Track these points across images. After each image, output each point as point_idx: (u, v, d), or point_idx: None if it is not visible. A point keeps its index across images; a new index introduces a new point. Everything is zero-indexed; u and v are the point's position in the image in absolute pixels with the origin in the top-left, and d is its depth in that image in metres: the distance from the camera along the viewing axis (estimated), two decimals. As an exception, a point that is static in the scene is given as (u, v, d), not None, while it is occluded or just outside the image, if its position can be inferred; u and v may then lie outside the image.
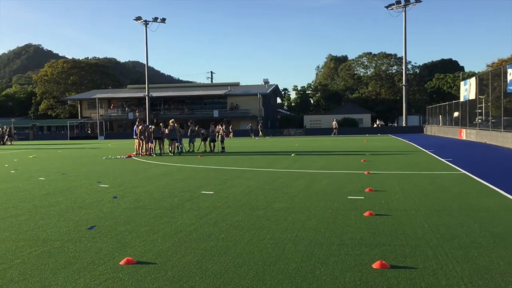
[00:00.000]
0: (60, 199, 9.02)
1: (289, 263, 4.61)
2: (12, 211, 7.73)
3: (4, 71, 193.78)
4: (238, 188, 10.23)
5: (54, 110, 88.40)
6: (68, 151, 28.97)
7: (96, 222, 6.75)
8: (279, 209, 7.53)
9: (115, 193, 9.66)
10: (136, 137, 22.17)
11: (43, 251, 5.23)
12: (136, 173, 13.93)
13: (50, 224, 6.68)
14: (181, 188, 10.31)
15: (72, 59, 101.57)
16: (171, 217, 7.07)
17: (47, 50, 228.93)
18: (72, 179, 12.44)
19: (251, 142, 39.09)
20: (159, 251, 5.13)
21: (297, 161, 17.22)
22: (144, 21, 56.03)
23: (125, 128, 68.93)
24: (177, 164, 16.76)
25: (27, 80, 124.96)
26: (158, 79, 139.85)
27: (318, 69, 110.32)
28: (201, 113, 67.05)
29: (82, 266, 4.64)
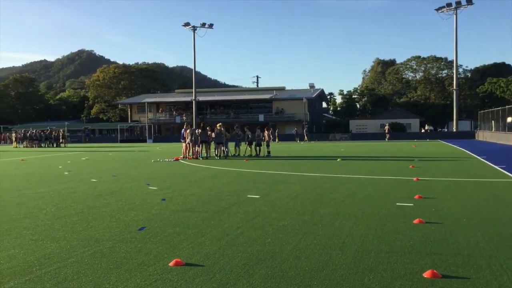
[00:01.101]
0: (111, 200, 9.30)
1: (337, 270, 4.57)
2: (66, 212, 8.03)
3: (58, 76, 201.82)
4: (284, 192, 10.22)
5: (105, 113, 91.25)
6: (118, 153, 29.83)
7: (146, 223, 6.91)
8: (325, 215, 7.47)
9: (163, 195, 9.86)
10: (184, 141, 22.57)
11: (95, 250, 5.41)
12: (184, 176, 14.17)
13: (102, 224, 6.89)
14: (227, 192, 10.41)
15: (122, 65, 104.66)
16: (218, 220, 7.15)
17: (99, 56, 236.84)
18: (122, 181, 12.80)
19: (297, 146, 38.98)
20: (207, 254, 5.20)
21: (343, 166, 17.04)
22: (192, 27, 57.01)
23: (173, 132, 70.24)
24: (223, 168, 16.93)
25: (80, 84, 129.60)
26: (205, 83, 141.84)
27: (365, 73, 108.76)
28: (247, 117, 67.41)
29: (133, 266, 4.76)
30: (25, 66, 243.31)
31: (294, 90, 78.21)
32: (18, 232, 6.41)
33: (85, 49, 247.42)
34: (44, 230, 6.49)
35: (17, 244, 5.73)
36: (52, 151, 34.63)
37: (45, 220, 7.23)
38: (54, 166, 18.91)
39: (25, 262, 4.93)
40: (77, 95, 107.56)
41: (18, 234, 6.25)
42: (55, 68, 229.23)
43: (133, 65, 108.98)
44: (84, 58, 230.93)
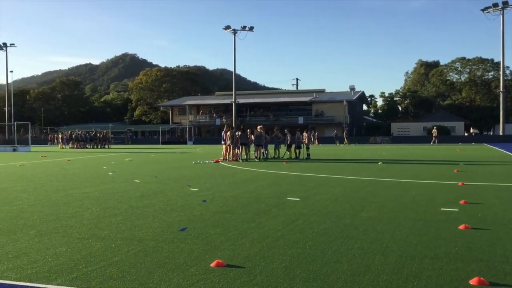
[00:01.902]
0: (154, 201, 9.47)
1: (379, 275, 4.49)
2: (111, 211, 8.23)
3: (103, 79, 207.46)
4: (324, 195, 10.14)
5: (148, 116, 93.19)
6: (160, 155, 30.37)
7: (188, 224, 7.00)
8: (367, 219, 7.37)
9: (204, 196, 9.96)
10: (224, 143, 22.75)
11: (139, 250, 5.52)
12: (224, 178, 14.28)
13: (145, 224, 7.03)
14: (267, 194, 10.42)
15: (164, 68, 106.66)
16: (258, 222, 7.16)
17: (142, 59, 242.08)
18: (164, 182, 13.02)
19: (336, 149, 38.63)
20: (248, 256, 5.22)
21: (384, 170, 16.75)
22: (232, 30, 57.45)
23: (213, 134, 70.98)
24: (263, 170, 16.95)
25: (123, 87, 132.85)
26: (244, 86, 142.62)
27: (407, 75, 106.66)
28: (286, 119, 67.39)
29: (175, 266, 4.83)
30: (71, 69, 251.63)
31: (334, 92, 77.61)
32: (65, 230, 6.61)
33: (129, 53, 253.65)
34: (90, 229, 6.68)
35: (64, 242, 5.91)
36: (97, 152, 35.62)
37: (90, 219, 7.44)
38: (99, 166, 19.44)
39: (71, 260, 5.09)
40: (121, 98, 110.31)
41: (65, 233, 6.45)
42: (99, 71, 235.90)
43: (174, 68, 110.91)
44: (127, 61, 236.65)
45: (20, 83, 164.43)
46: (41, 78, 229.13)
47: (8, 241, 5.94)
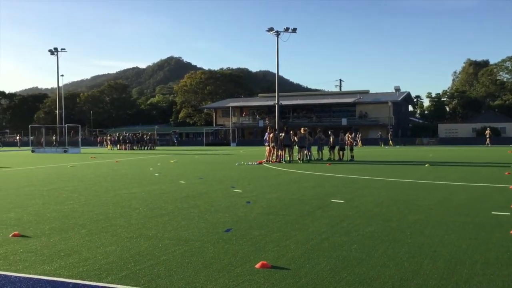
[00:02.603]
0: (199, 202, 9.60)
1: (428, 280, 4.39)
2: (158, 212, 8.41)
3: (149, 82, 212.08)
4: (369, 197, 9.99)
5: (192, 118, 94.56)
6: (204, 156, 30.76)
7: (232, 225, 7.06)
8: (414, 222, 7.21)
9: (248, 198, 10.02)
10: (267, 144, 22.80)
11: (185, 250, 5.61)
12: (267, 179, 14.31)
13: (190, 225, 7.14)
14: (311, 196, 10.37)
15: (208, 70, 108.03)
16: (302, 224, 7.14)
17: (186, 62, 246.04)
18: (208, 183, 13.18)
19: (381, 151, 37.99)
20: (292, 257, 5.21)
21: (431, 172, 16.34)
22: (276, 32, 57.46)
23: (256, 135, 71.24)
24: (306, 172, 16.88)
25: (168, 90, 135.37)
26: (287, 87, 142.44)
27: (455, 75, 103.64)
28: (329, 121, 66.82)
29: (220, 266, 4.89)
30: (119, 73, 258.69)
31: (378, 93, 76.35)
32: (114, 230, 6.80)
33: (174, 56, 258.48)
34: (138, 229, 6.84)
35: (114, 241, 6.08)
36: (143, 154, 36.44)
37: (138, 219, 7.62)
38: (146, 168, 19.89)
39: (121, 258, 5.23)
40: (166, 100, 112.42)
41: (114, 232, 6.64)
42: (146, 74, 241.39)
43: (218, 71, 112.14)
44: (172, 64, 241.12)
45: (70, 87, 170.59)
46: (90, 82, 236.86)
47: (60, 240, 6.17)
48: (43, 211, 8.53)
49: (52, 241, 6.09)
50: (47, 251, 5.56)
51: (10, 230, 6.72)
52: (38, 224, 7.21)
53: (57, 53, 66.41)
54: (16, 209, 8.69)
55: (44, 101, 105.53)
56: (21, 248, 5.70)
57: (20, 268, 4.86)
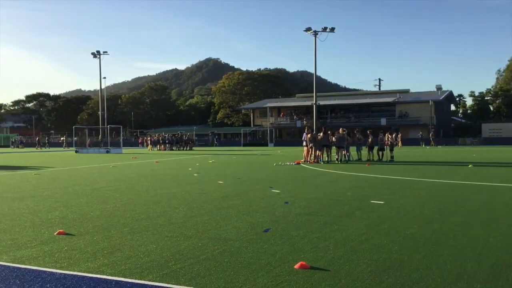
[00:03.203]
0: (237, 201, 9.65)
1: (473, 283, 4.26)
2: (197, 211, 8.50)
3: (188, 83, 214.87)
4: (410, 199, 9.80)
5: (230, 118, 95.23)
6: (242, 157, 30.91)
7: (270, 225, 7.06)
8: (457, 224, 7.01)
9: (286, 198, 9.99)
10: (305, 145, 22.69)
11: (224, 249, 5.65)
12: (305, 180, 14.25)
13: (229, 224, 7.18)
14: (349, 196, 10.25)
15: (246, 71, 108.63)
16: (341, 225, 7.06)
17: (224, 63, 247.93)
18: (246, 184, 13.23)
19: (422, 151, 37.18)
20: (332, 258, 5.17)
21: (475, 173, 15.86)
22: (313, 32, 57.14)
23: (293, 136, 71.03)
24: (345, 172, 16.71)
25: (206, 91, 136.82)
26: (324, 87, 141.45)
27: (499, 73, 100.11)
28: (368, 121, 65.91)
29: (259, 266, 4.90)
30: (158, 74, 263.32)
31: (419, 92, 74.74)
32: (155, 229, 6.92)
33: (212, 57, 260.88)
34: (178, 228, 6.94)
35: (154, 240, 6.19)
36: (182, 154, 36.94)
37: (178, 219, 7.73)
38: (185, 168, 20.15)
39: (161, 257, 5.32)
40: (204, 101, 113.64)
41: (155, 231, 6.75)
42: (185, 76, 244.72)
43: (255, 71, 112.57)
44: (211, 66, 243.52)
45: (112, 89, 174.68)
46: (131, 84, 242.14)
47: (103, 238, 6.32)
48: (86, 210, 8.77)
49: (95, 239, 6.25)
50: (90, 249, 5.72)
51: (55, 228, 6.94)
52: (82, 223, 7.42)
53: (100, 56, 68.17)
54: (61, 208, 8.97)
55: (87, 103, 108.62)
56: (65, 246, 5.88)
57: (65, 265, 5.01)
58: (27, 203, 9.71)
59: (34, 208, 8.95)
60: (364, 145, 24.92)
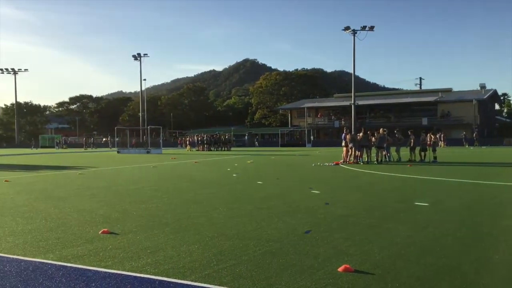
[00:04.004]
0: (277, 202, 9.58)
1: (529, 291, 4.05)
2: (237, 212, 8.48)
3: (225, 84, 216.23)
4: (456, 201, 9.49)
5: (267, 119, 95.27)
6: (280, 157, 30.82)
7: (312, 226, 6.96)
8: (508, 228, 6.72)
9: (326, 199, 9.85)
10: (344, 145, 22.39)
11: (266, 250, 5.59)
12: (345, 181, 14.04)
13: (270, 225, 7.12)
14: (392, 198, 10.02)
15: (283, 71, 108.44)
16: (385, 227, 6.89)
17: (261, 64, 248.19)
18: (286, 184, 13.14)
19: (466, 151, 36.10)
20: (377, 262, 5.02)
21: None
22: (352, 31, 56.49)
23: (331, 136, 70.39)
24: (385, 173, 16.37)
25: (244, 92, 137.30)
26: (363, 87, 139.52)
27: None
28: (409, 121, 64.50)
29: (302, 269, 4.81)
30: (197, 76, 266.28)
31: (462, 91, 72.69)
32: (196, 228, 6.94)
33: (249, 58, 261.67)
34: (219, 228, 6.93)
35: (196, 240, 6.19)
36: (221, 154, 37.17)
37: (218, 219, 7.73)
38: (223, 168, 20.23)
39: (203, 257, 5.31)
40: (242, 102, 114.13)
41: (196, 231, 6.77)
42: (222, 77, 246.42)
43: (293, 72, 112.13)
44: (248, 66, 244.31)
45: (152, 90, 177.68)
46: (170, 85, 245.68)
47: (146, 237, 6.38)
48: (129, 209, 8.90)
49: (138, 238, 6.31)
50: (134, 248, 5.77)
51: (99, 227, 7.06)
52: (125, 222, 7.52)
53: (140, 58, 69.50)
54: (105, 207, 9.14)
55: (128, 104, 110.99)
56: (110, 244, 5.96)
57: (109, 264, 5.07)
58: (72, 202, 9.95)
59: (79, 207, 9.15)
60: (404, 145, 24.39)
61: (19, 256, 5.44)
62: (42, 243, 6.10)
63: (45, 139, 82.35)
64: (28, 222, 7.63)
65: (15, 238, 6.43)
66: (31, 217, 8.11)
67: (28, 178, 16.44)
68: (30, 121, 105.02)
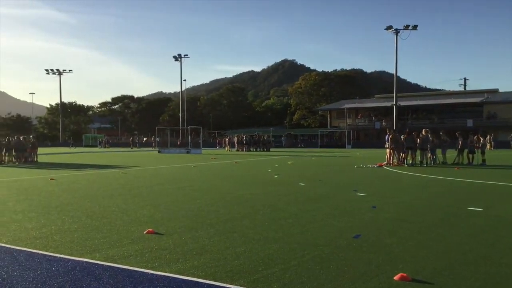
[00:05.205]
0: (321, 204, 9.35)
1: None
2: (281, 214, 8.30)
3: (264, 85, 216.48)
4: (510, 206, 9.00)
5: (306, 119, 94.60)
6: (320, 158, 30.44)
7: (360, 230, 6.71)
8: None
9: (372, 202, 9.54)
10: (388, 147, 21.86)
11: (315, 255, 5.39)
12: (390, 183, 13.64)
13: (316, 228, 6.91)
14: (442, 202, 9.61)
15: (322, 72, 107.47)
16: (437, 233, 6.56)
17: (300, 65, 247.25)
18: (329, 186, 12.87)
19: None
20: (434, 270, 4.74)
21: None
22: (394, 30, 55.36)
23: (371, 137, 69.20)
24: (432, 176, 15.83)
25: (282, 92, 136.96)
26: (404, 87, 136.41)
27: None
28: (453, 122, 62.69)
29: (355, 276, 4.59)
30: (235, 77, 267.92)
31: (509, 92, 70.03)
32: (241, 230, 6.80)
33: (288, 59, 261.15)
34: (264, 231, 6.77)
35: (242, 242, 6.05)
36: (260, 155, 37.07)
37: (262, 221, 7.57)
38: (264, 169, 20.09)
39: (250, 261, 5.16)
40: (280, 103, 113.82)
41: (242, 233, 6.63)
42: (261, 78, 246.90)
43: (332, 72, 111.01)
44: (286, 67, 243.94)
45: (191, 91, 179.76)
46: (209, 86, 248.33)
47: (191, 238, 6.29)
48: (173, 209, 8.87)
49: (183, 239, 6.23)
50: (179, 249, 5.68)
51: (144, 227, 7.02)
52: (169, 222, 7.47)
53: (181, 59, 70.35)
54: (148, 207, 9.14)
55: (168, 104, 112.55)
56: (155, 245, 5.89)
57: (155, 265, 4.99)
58: (116, 201, 10.02)
59: (123, 206, 9.19)
60: (451, 147, 23.59)
61: (66, 255, 5.44)
62: (88, 242, 6.10)
63: (88, 138, 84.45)
64: (74, 220, 7.70)
65: (61, 236, 6.47)
66: (77, 215, 8.18)
67: (72, 176, 16.77)
68: (74, 121, 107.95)
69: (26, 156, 27.24)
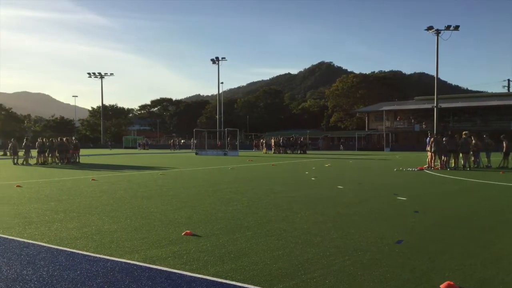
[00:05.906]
0: (361, 209, 9.13)
1: None
2: (319, 217, 8.15)
3: (300, 87, 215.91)
4: None
5: (343, 122, 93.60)
6: (358, 161, 29.98)
7: (402, 236, 6.49)
8: None
9: (415, 207, 9.25)
10: (429, 150, 21.30)
11: (355, 260, 5.23)
12: (432, 187, 13.24)
13: (356, 233, 6.73)
14: (488, 207, 9.23)
15: (360, 74, 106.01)
16: (485, 240, 6.28)
17: (337, 67, 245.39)
18: (368, 189, 12.60)
19: None
20: (482, 279, 4.52)
21: None
22: (435, 31, 54.04)
23: (410, 140, 67.79)
24: (476, 180, 15.29)
25: (319, 95, 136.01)
26: (444, 89, 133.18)
27: None
28: (496, 125, 60.71)
29: (399, 283, 4.41)
30: (272, 79, 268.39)
31: (557, 93, 67.22)
32: (279, 233, 6.70)
33: (325, 61, 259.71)
34: (302, 234, 6.65)
35: (280, 245, 5.95)
36: (297, 157, 36.86)
37: (301, 224, 7.44)
38: (301, 171, 19.91)
39: (290, 265, 5.05)
40: (317, 105, 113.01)
41: (279, 236, 6.53)
42: (297, 80, 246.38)
43: (370, 74, 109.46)
44: (323, 69, 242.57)
45: (228, 93, 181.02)
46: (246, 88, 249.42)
47: (228, 241, 6.23)
48: (210, 210, 8.85)
49: (221, 241, 6.18)
50: (217, 251, 5.63)
51: (182, 228, 7.02)
52: (207, 224, 7.44)
53: (218, 62, 70.89)
54: (186, 208, 9.16)
55: (205, 107, 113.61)
56: (193, 247, 5.86)
57: (194, 267, 4.94)
58: (155, 202, 10.09)
59: (162, 207, 9.24)
60: (495, 150, 22.77)
61: (105, 255, 5.47)
62: (127, 243, 6.13)
63: (128, 140, 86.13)
64: (113, 221, 7.78)
65: (101, 237, 6.53)
66: (117, 216, 8.27)
67: (112, 177, 17.06)
68: (114, 123, 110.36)
69: (69, 157, 27.94)
